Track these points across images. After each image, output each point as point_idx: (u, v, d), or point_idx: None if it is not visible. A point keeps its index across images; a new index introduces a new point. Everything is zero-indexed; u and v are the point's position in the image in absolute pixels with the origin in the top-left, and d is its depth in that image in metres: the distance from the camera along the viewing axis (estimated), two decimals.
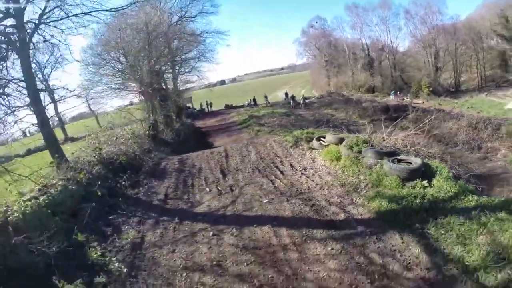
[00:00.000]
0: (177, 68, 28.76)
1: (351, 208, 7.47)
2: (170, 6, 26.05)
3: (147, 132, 17.68)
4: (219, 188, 10.04)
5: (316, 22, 59.42)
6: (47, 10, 11.49)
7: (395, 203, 7.07)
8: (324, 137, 12.16)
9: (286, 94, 42.44)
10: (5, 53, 11.08)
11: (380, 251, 5.74)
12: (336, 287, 5.03)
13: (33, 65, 12.66)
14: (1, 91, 11.17)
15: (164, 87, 24.51)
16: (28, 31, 11.24)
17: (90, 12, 12.29)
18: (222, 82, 40.41)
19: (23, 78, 11.32)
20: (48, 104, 15.50)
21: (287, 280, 5.35)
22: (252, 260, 6.01)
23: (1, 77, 11.28)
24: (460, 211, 6.39)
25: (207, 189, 10.13)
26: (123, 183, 10.86)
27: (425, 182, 7.59)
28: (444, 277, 5.00)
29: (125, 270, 6.34)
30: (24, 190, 8.96)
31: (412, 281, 4.98)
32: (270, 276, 5.51)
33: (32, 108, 11.56)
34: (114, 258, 6.76)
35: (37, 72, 19.18)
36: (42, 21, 11.52)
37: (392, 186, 7.87)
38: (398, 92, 45.03)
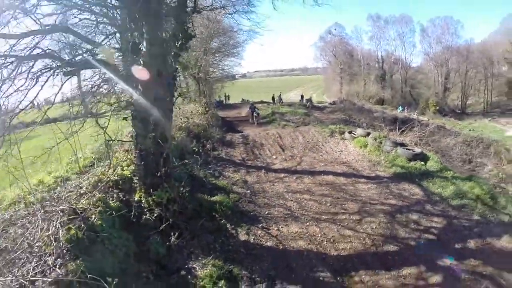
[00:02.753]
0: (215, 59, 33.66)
1: (377, 172, 13.37)
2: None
3: (206, 110, 22.92)
4: (283, 157, 15.72)
5: (335, 29, 65.01)
6: None
7: (404, 170, 13.10)
8: (351, 132, 18.07)
9: (302, 97, 47.53)
10: None
11: (397, 188, 11.66)
12: (376, 198, 10.84)
13: None
14: None
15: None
16: None
17: None
18: (233, 77, 44.69)
19: None
20: None
21: (350, 196, 11.15)
22: (328, 188, 11.79)
23: None
24: (442, 177, 12.35)
25: (274, 157, 15.79)
26: (207, 146, 15.64)
27: (422, 163, 13.50)
28: (431, 199, 10.79)
29: (248, 191, 11.50)
30: None
31: (415, 200, 10.78)
32: (341, 194, 11.29)
33: None
34: (234, 187, 11.85)
35: None
36: None
37: (402, 162, 13.74)
38: (406, 107, 50.09)
